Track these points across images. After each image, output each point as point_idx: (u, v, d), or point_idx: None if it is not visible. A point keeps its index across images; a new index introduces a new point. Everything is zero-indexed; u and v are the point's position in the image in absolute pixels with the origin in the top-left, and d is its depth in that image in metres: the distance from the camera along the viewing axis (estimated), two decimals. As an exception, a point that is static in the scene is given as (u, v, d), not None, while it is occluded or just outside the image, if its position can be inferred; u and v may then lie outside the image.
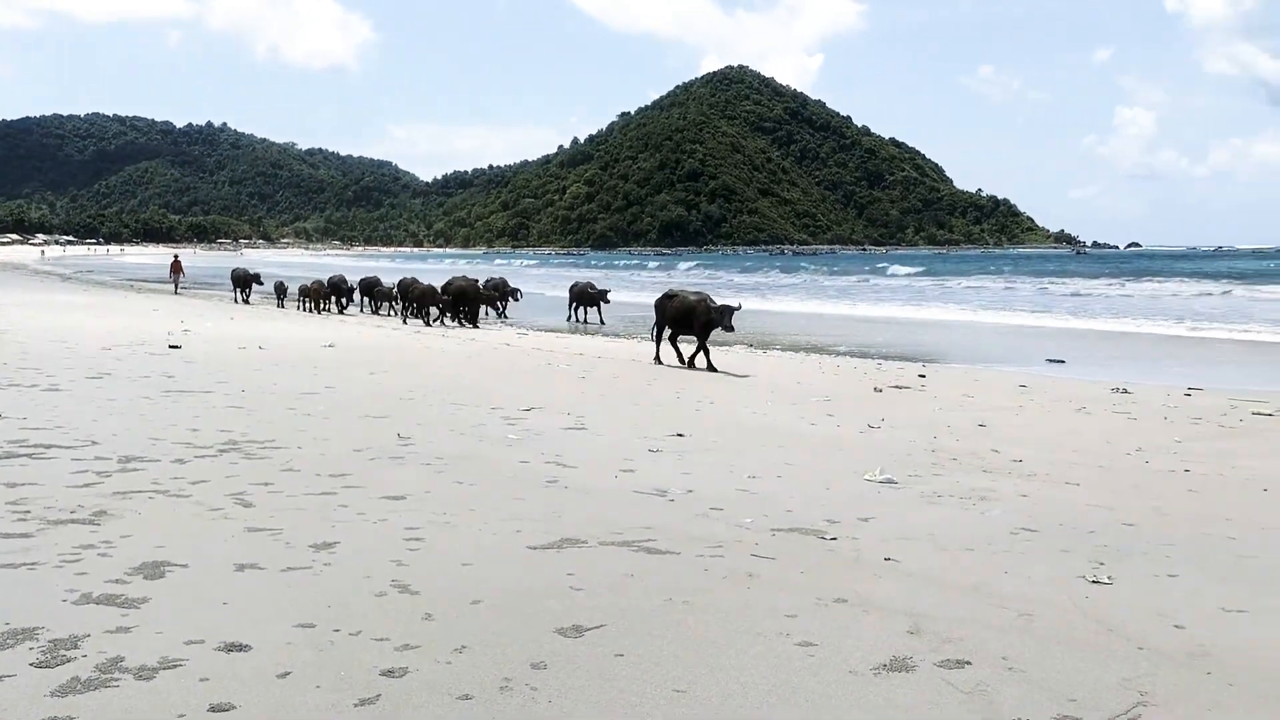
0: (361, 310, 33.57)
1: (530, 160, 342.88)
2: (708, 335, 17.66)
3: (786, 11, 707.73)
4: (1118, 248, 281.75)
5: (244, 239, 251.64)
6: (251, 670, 4.01)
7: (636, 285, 55.73)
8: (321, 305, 33.26)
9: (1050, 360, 20.34)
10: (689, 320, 17.78)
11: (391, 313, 31.77)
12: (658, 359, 18.39)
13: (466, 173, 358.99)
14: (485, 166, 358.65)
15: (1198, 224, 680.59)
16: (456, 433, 9.86)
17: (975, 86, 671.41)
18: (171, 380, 12.91)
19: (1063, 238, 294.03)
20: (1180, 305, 40.49)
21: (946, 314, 36.62)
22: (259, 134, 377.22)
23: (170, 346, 17.42)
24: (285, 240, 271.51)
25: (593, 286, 30.62)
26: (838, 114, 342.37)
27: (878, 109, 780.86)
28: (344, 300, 33.66)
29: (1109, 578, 5.62)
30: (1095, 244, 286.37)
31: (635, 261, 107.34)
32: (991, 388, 15.73)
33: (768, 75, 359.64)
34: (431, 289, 28.47)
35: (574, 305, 30.79)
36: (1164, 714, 3.88)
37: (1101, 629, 4.80)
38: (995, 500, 7.68)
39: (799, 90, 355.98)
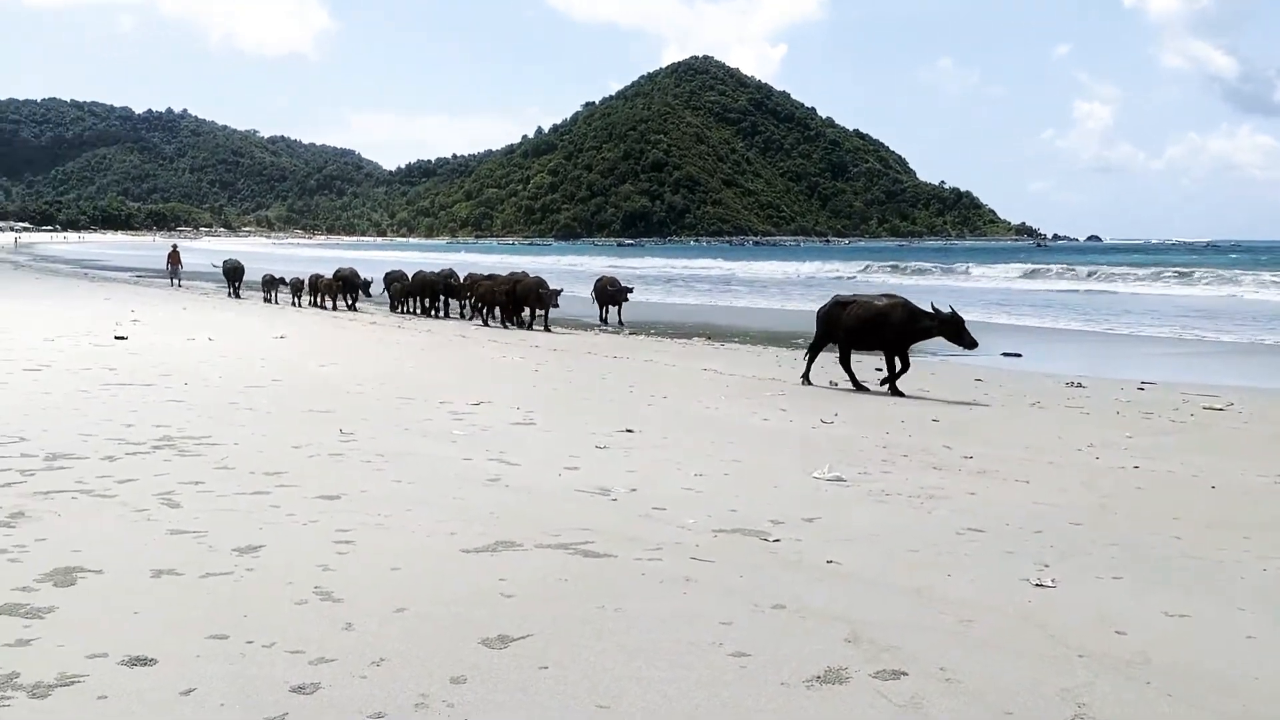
0: (400, 310, 30.27)
1: (494, 150, 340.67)
2: (907, 348, 14.56)
3: (746, 1, 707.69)
4: (1077, 240, 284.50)
5: (204, 227, 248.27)
6: (154, 686, 3.82)
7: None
8: (327, 300, 30.98)
9: (1006, 354, 20.38)
10: (876, 332, 14.61)
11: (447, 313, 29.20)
12: (806, 379, 15.20)
13: (430, 162, 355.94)
14: (449, 156, 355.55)
15: (1153, 217, 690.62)
16: (400, 428, 9.65)
17: (934, 79, 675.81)
18: (112, 373, 12.59)
19: (1024, 230, 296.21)
20: (1156, 302, 40.89)
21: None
22: (219, 121, 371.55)
23: (116, 337, 17.04)
24: (247, 229, 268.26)
25: (614, 283, 28.45)
26: (802, 105, 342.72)
27: (841, 100, 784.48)
28: (354, 296, 31.06)
29: (1052, 580, 5.54)
30: (1055, 236, 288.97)
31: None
32: (947, 381, 15.71)
33: (732, 66, 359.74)
34: (493, 285, 26.37)
35: (601, 305, 28.54)
36: (1101, 726, 3.78)
37: (1042, 635, 4.70)
38: (943, 499, 7.59)
39: (763, 81, 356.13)
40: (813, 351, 15.68)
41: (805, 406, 12.59)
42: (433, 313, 29.22)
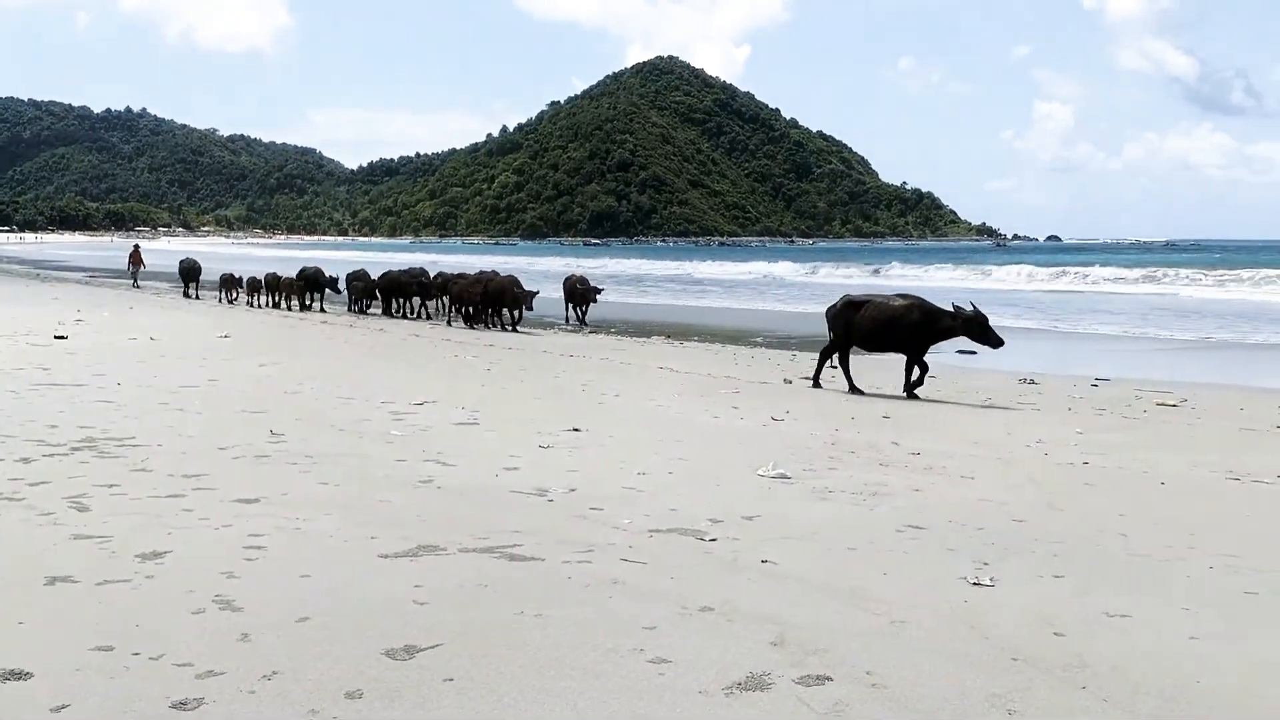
0: (358, 310, 28.94)
1: (458, 148, 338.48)
2: (925, 350, 13.89)
3: (709, 1, 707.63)
4: (1037, 240, 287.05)
5: (163, 227, 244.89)
6: (25, 702, 3.54)
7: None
8: (287, 300, 29.70)
9: (961, 351, 20.30)
10: (890, 334, 13.96)
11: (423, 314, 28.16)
12: (816, 382, 14.51)
13: (393, 160, 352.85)
14: (412, 154, 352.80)
15: (1113, 217, 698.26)
16: (336, 429, 9.37)
17: (895, 79, 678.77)
18: (45, 373, 12.20)
19: (984, 230, 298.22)
20: (1112, 300, 41.16)
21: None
22: (179, 120, 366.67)
23: (56, 337, 16.61)
24: (206, 229, 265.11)
25: (583, 282, 27.70)
26: (766, 106, 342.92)
27: (804, 101, 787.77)
28: (318, 295, 29.81)
29: (991, 579, 5.36)
30: (1015, 236, 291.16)
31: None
32: (901, 378, 15.56)
33: (698, 66, 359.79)
34: (467, 285, 25.11)
35: (568, 303, 27.99)
36: (1032, 733, 3.61)
37: (976, 637, 4.52)
38: (886, 495, 7.43)
39: (728, 82, 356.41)
40: (826, 354, 14.67)
41: (758, 404, 12.41)
42: (401, 313, 28.36)
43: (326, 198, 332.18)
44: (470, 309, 25.38)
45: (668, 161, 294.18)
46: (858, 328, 14.21)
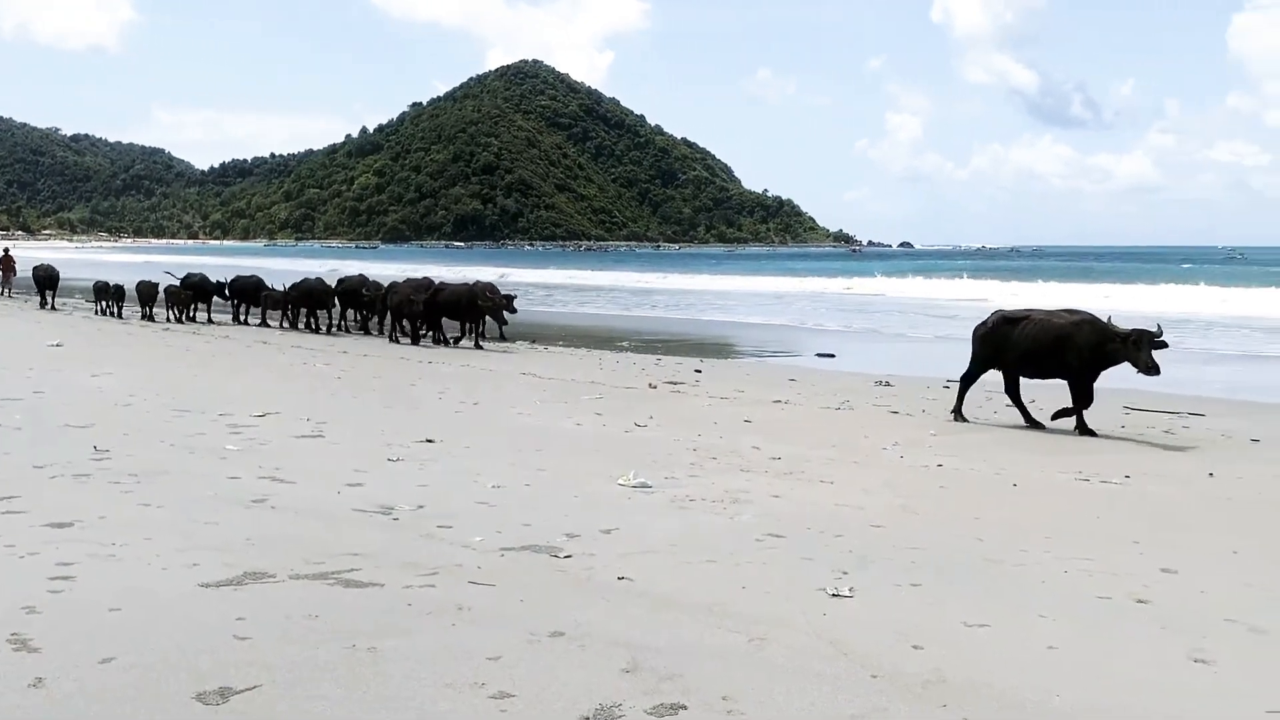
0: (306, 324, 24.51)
1: (315, 149, 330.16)
2: (1094, 377, 11.73)
3: (570, 6, 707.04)
4: (890, 246, 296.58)
5: (1, 230, 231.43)
6: None
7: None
8: (179, 310, 25.67)
9: (820, 354, 20.59)
10: (1057, 355, 11.82)
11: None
12: (959, 414, 12.38)
13: (246, 161, 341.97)
14: (266, 155, 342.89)
15: (962, 224, 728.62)
16: (166, 444, 8.75)
17: (755, 90, 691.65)
18: None
19: (841, 237, 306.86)
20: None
21: (737, 316, 37.17)
22: (18, 118, 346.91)
23: None
24: (47, 232, 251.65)
25: (494, 291, 23.27)
26: (631, 112, 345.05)
27: (668, 108, 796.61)
28: (205, 303, 26.34)
29: (850, 590, 5.24)
30: (870, 243, 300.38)
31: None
32: (762, 382, 15.64)
33: (562, 71, 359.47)
34: (409, 294, 21.50)
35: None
36: (893, 756, 3.45)
37: (836, 653, 4.37)
38: (747, 503, 7.29)
39: (593, 87, 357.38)
40: (968, 380, 12.77)
41: (620, 409, 12.20)
42: (323, 328, 24.29)
43: (176, 199, 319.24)
44: (413, 322, 21.80)
45: (534, 165, 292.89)
46: (1018, 347, 12.20)
